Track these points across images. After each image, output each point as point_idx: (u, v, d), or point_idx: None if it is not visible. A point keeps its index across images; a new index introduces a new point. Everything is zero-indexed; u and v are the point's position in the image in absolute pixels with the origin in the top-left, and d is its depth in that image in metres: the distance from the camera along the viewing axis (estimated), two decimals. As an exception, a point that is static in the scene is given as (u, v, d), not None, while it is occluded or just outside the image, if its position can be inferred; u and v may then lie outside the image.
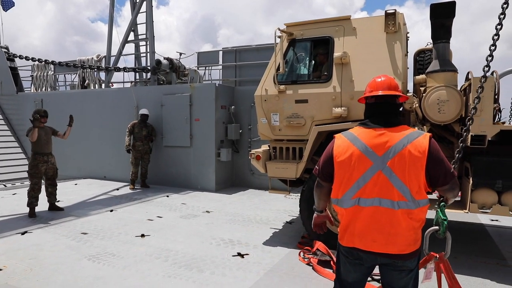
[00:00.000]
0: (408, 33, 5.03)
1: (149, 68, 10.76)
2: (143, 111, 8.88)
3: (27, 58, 12.05)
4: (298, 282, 3.71)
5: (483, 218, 6.17)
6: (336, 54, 4.50)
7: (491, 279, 3.76)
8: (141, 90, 10.28)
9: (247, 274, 3.88)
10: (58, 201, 6.78)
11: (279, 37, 4.77)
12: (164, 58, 10.49)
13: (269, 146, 5.20)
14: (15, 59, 12.81)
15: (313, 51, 4.83)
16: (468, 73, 4.51)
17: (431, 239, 2.19)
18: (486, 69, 3.18)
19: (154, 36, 10.88)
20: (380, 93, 2.10)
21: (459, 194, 2.05)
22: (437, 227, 2.16)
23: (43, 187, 6.45)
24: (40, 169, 6.26)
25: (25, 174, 6.49)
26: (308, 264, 4.15)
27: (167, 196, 7.99)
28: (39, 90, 13.16)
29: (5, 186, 9.69)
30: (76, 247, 4.67)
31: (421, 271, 2.15)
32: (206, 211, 6.68)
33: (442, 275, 2.30)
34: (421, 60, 5.17)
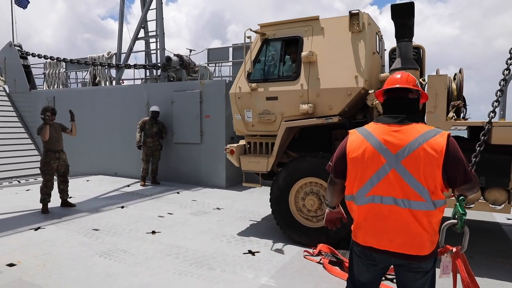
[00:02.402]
0: (379, 31, 5.11)
1: (159, 65, 10.77)
2: (154, 108, 8.90)
3: (39, 56, 12.20)
4: (310, 281, 3.67)
5: (499, 217, 6.02)
6: (303, 53, 4.65)
7: (510, 280, 3.66)
8: (152, 87, 10.30)
9: (258, 272, 3.85)
10: (70, 197, 6.84)
11: (249, 37, 4.87)
12: (174, 55, 10.49)
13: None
14: (28, 57, 12.98)
15: (287, 50, 4.98)
16: (437, 70, 4.62)
17: (446, 234, 2.12)
18: (506, 72, 3.10)
19: (164, 33, 10.88)
20: (397, 86, 2.04)
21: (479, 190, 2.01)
22: (454, 221, 2.10)
23: (55, 184, 6.51)
24: (52, 166, 6.31)
25: (38, 171, 6.56)
26: (318, 262, 4.11)
27: (178, 193, 8.01)
28: (51, 88, 13.33)
29: (19, 182, 9.84)
30: (88, 243, 4.70)
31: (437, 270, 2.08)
32: (217, 208, 6.67)
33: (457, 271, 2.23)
34: (394, 57, 5.23)
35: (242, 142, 5.50)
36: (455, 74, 4.65)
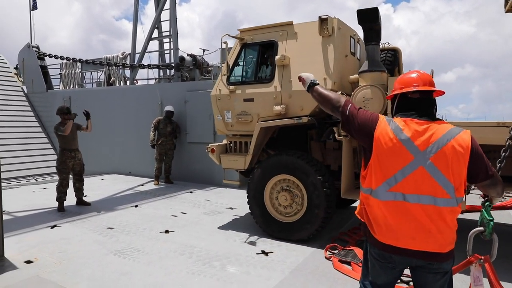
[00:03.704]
0: (354, 35, 5.24)
1: (173, 64, 10.84)
2: (169, 107, 8.96)
3: (56, 57, 12.46)
4: (323, 282, 3.63)
5: (519, 219, 5.86)
6: (277, 57, 4.85)
7: (531, 285, 3.55)
8: (165, 86, 10.38)
9: (272, 273, 3.82)
10: (85, 196, 6.94)
11: (225, 42, 5.07)
12: (188, 55, 10.55)
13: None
14: (45, 58, 13.24)
15: (264, 54, 5.17)
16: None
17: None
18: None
19: (177, 33, 10.95)
20: (420, 88, 2.03)
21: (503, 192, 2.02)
22: (481, 228, 2.07)
23: (70, 182, 6.61)
24: (68, 164, 6.41)
25: (55, 169, 6.69)
26: (328, 259, 4.14)
27: (191, 192, 8.04)
28: (67, 88, 13.55)
29: (36, 180, 10.05)
30: (102, 242, 4.76)
31: (463, 277, 2.03)
32: (230, 208, 6.67)
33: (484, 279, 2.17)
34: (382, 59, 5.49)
35: (224, 141, 5.75)
36: None
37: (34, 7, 13.98)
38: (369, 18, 4.35)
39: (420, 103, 2.04)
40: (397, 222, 1.93)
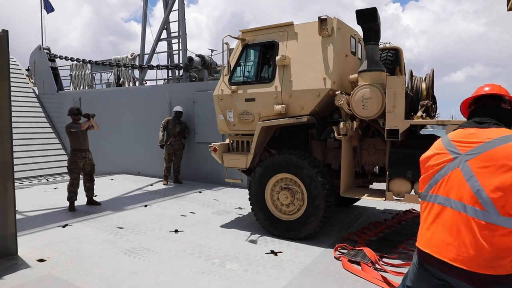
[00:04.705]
0: (355, 34, 5.26)
1: (181, 65, 10.89)
2: (178, 108, 9.00)
3: (66, 58, 12.62)
4: (333, 282, 3.61)
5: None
6: (277, 57, 4.90)
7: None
8: (174, 87, 10.42)
9: (281, 273, 3.82)
10: (96, 195, 7.01)
11: (226, 43, 5.10)
12: (196, 55, 10.57)
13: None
14: (56, 59, 13.42)
15: (265, 55, 5.23)
16: (410, 71, 4.94)
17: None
18: None
19: (186, 33, 11.00)
20: (471, 97, 2.02)
21: None
22: None
23: (81, 182, 6.68)
24: (79, 164, 6.49)
25: (66, 169, 6.78)
26: (337, 259, 4.13)
27: (200, 192, 8.07)
28: (77, 89, 13.70)
29: (47, 180, 10.18)
30: (112, 241, 4.80)
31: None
32: (239, 208, 6.68)
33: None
34: (383, 58, 5.55)
35: (227, 140, 5.82)
36: (427, 75, 4.81)
37: (50, 9, 14.13)
38: (368, 18, 4.38)
39: (474, 113, 1.98)
40: (433, 227, 1.79)
